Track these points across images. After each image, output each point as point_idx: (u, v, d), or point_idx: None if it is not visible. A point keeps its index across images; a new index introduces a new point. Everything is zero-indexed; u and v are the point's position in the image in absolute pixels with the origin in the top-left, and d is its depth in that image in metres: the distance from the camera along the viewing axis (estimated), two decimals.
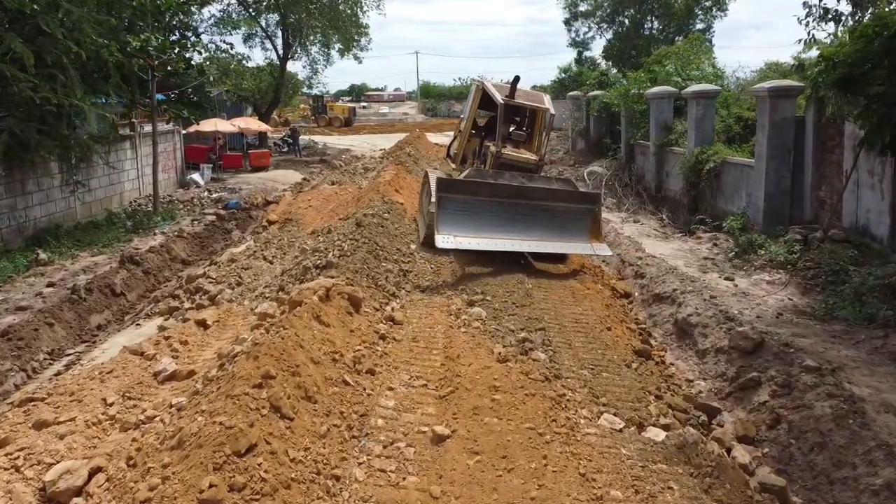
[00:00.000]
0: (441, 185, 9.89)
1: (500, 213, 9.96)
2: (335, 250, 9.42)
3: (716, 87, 16.30)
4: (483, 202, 9.94)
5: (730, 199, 14.67)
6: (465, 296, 8.74)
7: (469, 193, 9.96)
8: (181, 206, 19.23)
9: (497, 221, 9.93)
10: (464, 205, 9.86)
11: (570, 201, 10.44)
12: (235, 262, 11.96)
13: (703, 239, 13.35)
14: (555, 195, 10.35)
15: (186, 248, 14.06)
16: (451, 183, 10.28)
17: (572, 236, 10.29)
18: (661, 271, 10.62)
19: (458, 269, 10.02)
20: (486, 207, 9.93)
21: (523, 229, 10.01)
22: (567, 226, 10.29)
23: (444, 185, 9.95)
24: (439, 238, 9.53)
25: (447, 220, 9.69)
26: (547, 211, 10.21)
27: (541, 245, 10.13)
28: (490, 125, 13.01)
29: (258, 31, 34.41)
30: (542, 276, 9.93)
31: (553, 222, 10.21)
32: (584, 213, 10.46)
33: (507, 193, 10.09)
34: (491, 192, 10.03)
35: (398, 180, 16.28)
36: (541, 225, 10.12)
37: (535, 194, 10.22)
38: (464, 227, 9.73)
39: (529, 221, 10.09)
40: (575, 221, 10.35)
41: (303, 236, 13.99)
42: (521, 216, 10.06)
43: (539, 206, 10.17)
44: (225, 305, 9.41)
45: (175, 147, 22.46)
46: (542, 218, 10.16)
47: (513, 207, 10.04)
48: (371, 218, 10.54)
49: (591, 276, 10.59)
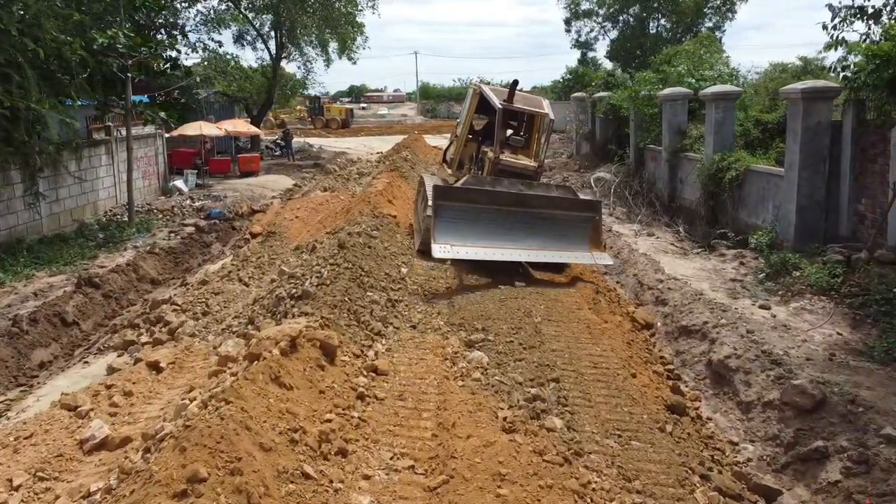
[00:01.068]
0: (437, 193, 9.54)
1: (498, 222, 9.65)
2: (313, 277, 8.14)
3: (737, 89, 15.04)
4: (481, 210, 9.61)
5: (753, 210, 13.40)
6: (462, 333, 7.47)
7: (466, 201, 9.63)
8: (160, 216, 17.95)
9: (495, 230, 9.61)
10: (461, 213, 9.51)
11: (571, 209, 10.17)
12: (207, 285, 10.71)
13: (728, 256, 12.07)
14: (554, 203, 10.09)
15: (157, 265, 12.78)
16: (448, 190, 9.92)
17: (572, 245, 10.01)
18: (687, 298, 9.34)
19: (455, 294, 8.76)
20: (483, 215, 9.60)
21: (522, 238, 9.72)
22: (567, 234, 10.01)
23: (440, 193, 9.58)
24: (436, 248, 9.17)
25: (444, 229, 9.30)
26: (546, 219, 9.92)
27: (540, 254, 9.82)
28: (487, 130, 12.49)
29: (250, 29, 33.12)
30: (551, 304, 8.65)
31: (553, 230, 9.93)
32: (585, 222, 10.18)
33: (505, 201, 9.76)
34: (489, 200, 9.70)
35: (391, 189, 15.02)
36: (540, 233, 9.83)
37: (534, 202, 9.92)
38: (461, 236, 9.39)
39: (528, 230, 9.79)
40: (575, 230, 10.08)
41: (286, 252, 12.72)
42: (520, 224, 9.76)
43: (538, 213, 9.87)
44: (185, 341, 8.14)
45: (157, 152, 21.19)
46: (542, 226, 9.86)
47: (511, 215, 9.73)
48: (356, 237, 9.26)
49: (607, 304, 9.31)
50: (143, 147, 20.27)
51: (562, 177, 22.92)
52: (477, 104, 12.14)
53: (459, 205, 9.55)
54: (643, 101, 19.38)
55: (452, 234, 9.33)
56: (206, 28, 26.73)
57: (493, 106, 11.25)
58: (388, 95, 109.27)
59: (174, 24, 26.39)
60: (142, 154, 20.14)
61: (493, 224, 9.61)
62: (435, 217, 9.34)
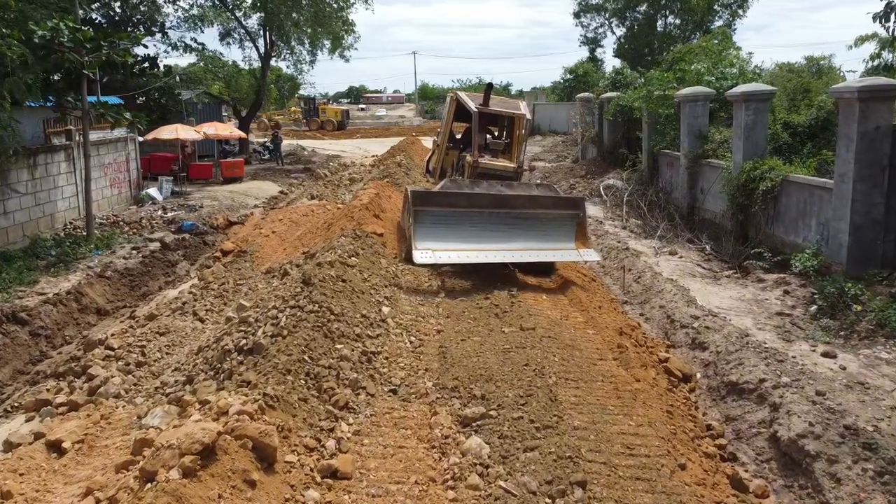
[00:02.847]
0: (417, 198, 9.55)
1: (480, 224, 9.63)
2: (268, 324, 6.44)
3: (769, 87, 13.34)
4: (462, 213, 9.59)
5: (792, 227, 11.71)
6: (456, 401, 5.78)
7: (447, 205, 9.62)
8: (126, 229, 16.25)
9: (478, 232, 9.57)
10: (442, 217, 9.50)
11: (553, 207, 10.10)
12: (154, 321, 9.00)
13: (768, 283, 10.37)
14: (536, 202, 9.99)
15: (108, 291, 11.08)
16: (428, 195, 9.96)
17: (558, 243, 9.94)
18: (731, 342, 7.64)
19: (448, 340, 7.07)
20: (465, 218, 9.59)
21: (506, 239, 9.65)
22: (551, 232, 9.97)
23: (419, 198, 9.60)
24: (417, 253, 9.02)
25: (425, 234, 9.29)
26: (529, 218, 9.86)
27: (525, 254, 9.71)
28: (467, 137, 12.48)
29: (236, 27, 31.43)
30: (567, 353, 6.96)
31: (537, 230, 9.88)
32: (569, 219, 10.12)
33: (486, 203, 9.73)
34: (469, 203, 9.67)
35: (378, 202, 13.32)
36: (524, 233, 9.78)
37: (515, 202, 9.85)
38: (443, 240, 9.31)
39: (512, 230, 9.75)
40: (559, 228, 10.03)
41: (255, 277, 11.03)
42: (502, 225, 9.73)
43: (521, 213, 9.82)
44: (106, 406, 6.44)
45: (128, 157, 19.47)
46: (525, 226, 9.81)
47: (493, 217, 9.72)
48: (327, 269, 7.54)
49: (633, 348, 7.60)
50: (111, 152, 18.57)
51: (568, 184, 21.23)
52: (455, 111, 12.15)
53: (439, 209, 9.50)
54: (657, 102, 17.69)
55: (433, 238, 9.25)
56: (187, 26, 24.98)
57: (469, 111, 11.31)
58: (387, 97, 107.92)
59: (153, 21, 24.72)
60: (110, 160, 18.45)
61: (475, 226, 9.58)
62: (415, 222, 9.28)
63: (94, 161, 17.65)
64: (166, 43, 25.30)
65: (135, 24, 25.06)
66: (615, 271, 11.90)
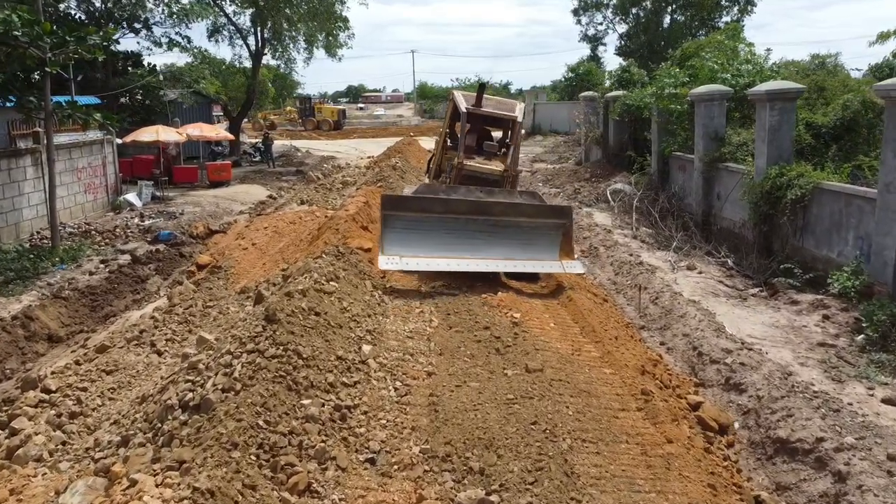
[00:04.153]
0: (386, 203, 9.19)
1: (456, 231, 9.14)
2: (219, 374, 5.28)
3: (797, 85, 12.19)
4: (436, 219, 9.13)
5: (825, 240, 10.57)
6: (449, 476, 4.64)
7: (419, 210, 9.14)
8: (99, 239, 15.09)
9: (453, 240, 9.06)
10: (413, 223, 9.03)
11: (537, 216, 9.52)
12: (107, 353, 7.85)
13: (803, 305, 9.22)
14: (518, 210, 9.46)
15: (64, 313, 9.94)
16: (399, 199, 9.62)
17: (540, 253, 9.37)
18: (773, 384, 6.50)
19: (440, 385, 5.94)
20: (439, 224, 9.11)
21: (484, 247, 9.15)
22: (534, 242, 9.39)
23: (389, 203, 9.23)
24: (382, 259, 8.66)
25: (394, 240, 8.87)
26: (510, 227, 9.35)
27: (503, 264, 9.16)
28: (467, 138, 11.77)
29: (226, 24, 30.26)
30: (583, 402, 5.82)
31: (518, 239, 9.33)
32: (554, 229, 9.53)
33: (462, 209, 9.23)
34: (444, 208, 9.19)
35: (369, 210, 12.15)
36: (504, 242, 9.24)
37: (494, 209, 9.31)
38: (413, 247, 8.84)
39: (491, 239, 9.22)
40: (543, 237, 9.43)
41: (228, 297, 9.88)
42: (480, 233, 9.21)
43: (501, 221, 9.31)
44: (22, 473, 5.29)
45: (105, 160, 18.29)
46: (505, 235, 9.29)
47: (471, 224, 9.21)
48: (298, 300, 6.37)
49: (658, 391, 6.44)
50: (86, 155, 17.40)
51: (573, 188, 20.09)
52: (453, 111, 11.72)
53: (411, 214, 9.06)
54: (669, 101, 16.53)
55: (402, 245, 8.82)
56: (172, 21, 23.78)
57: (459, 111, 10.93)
58: (386, 96, 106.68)
59: (135, 17, 23.55)
60: (84, 164, 17.28)
61: (451, 234, 9.09)
62: (384, 227, 8.92)
63: (66, 165, 16.53)
64: (150, 39, 24.12)
65: (117, 21, 23.87)
66: (628, 289, 10.75)
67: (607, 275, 11.68)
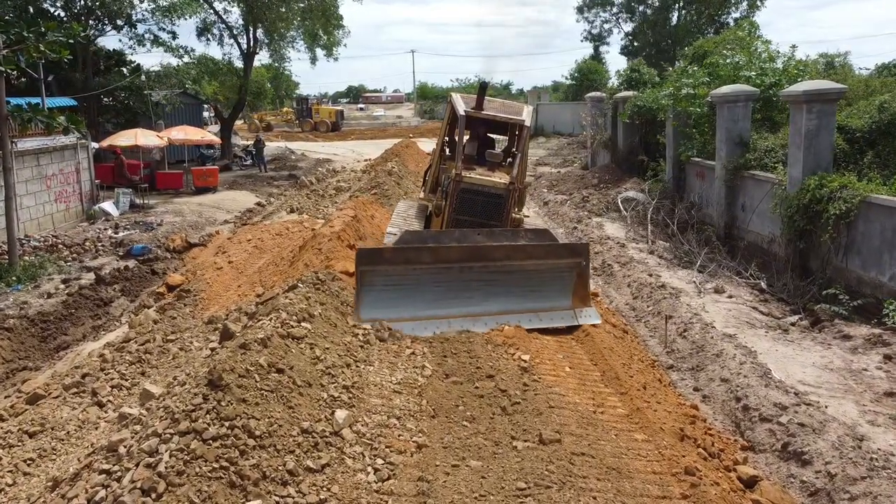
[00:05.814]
0: (363, 257, 7.52)
1: (447, 283, 7.68)
2: (141, 465, 4.01)
3: (838, 86, 10.91)
4: (423, 272, 7.62)
5: (873, 261, 9.32)
6: None
7: (402, 263, 7.60)
8: (66, 253, 13.83)
9: (444, 293, 7.62)
10: (396, 279, 7.55)
11: (546, 257, 8.07)
12: (37, 405, 6.60)
13: (857, 341, 7.94)
14: (523, 252, 7.95)
15: (6, 346, 8.67)
16: (377, 253, 7.93)
17: (550, 301, 7.97)
18: (847, 456, 5.23)
19: (430, 463, 4.68)
20: (427, 278, 7.62)
21: (482, 300, 7.72)
22: (542, 288, 7.98)
23: (366, 257, 7.56)
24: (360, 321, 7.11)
25: (372, 302, 7.36)
26: (513, 272, 7.86)
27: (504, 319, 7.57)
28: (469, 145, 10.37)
29: (216, 22, 29.01)
30: (615, 487, 4.56)
31: (523, 286, 7.90)
32: (566, 270, 8.08)
33: (456, 257, 7.72)
34: (434, 258, 7.67)
35: (358, 225, 10.90)
36: (506, 291, 7.80)
37: (495, 254, 7.81)
38: (396, 307, 7.39)
39: (490, 288, 7.77)
40: (553, 282, 8.03)
41: (193, 328, 8.63)
42: (478, 283, 7.76)
43: (503, 267, 7.81)
44: None
45: (78, 167, 17.03)
46: (508, 282, 7.83)
47: (466, 273, 7.73)
48: (256, 354, 5.08)
49: (703, 463, 5.18)
50: (56, 161, 16.15)
51: (580, 195, 18.79)
52: (451, 115, 10.31)
53: (393, 268, 7.56)
54: (687, 102, 15.27)
55: (383, 306, 7.39)
56: (155, 19, 22.53)
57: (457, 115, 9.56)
58: (386, 96, 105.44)
59: (118, 13, 22.30)
60: (54, 170, 16.03)
61: (441, 287, 7.66)
62: (359, 285, 7.39)
63: (34, 172, 15.29)
64: (132, 37, 22.85)
65: (99, 17, 22.63)
66: (650, 317, 9.48)
67: (625, 298, 10.42)
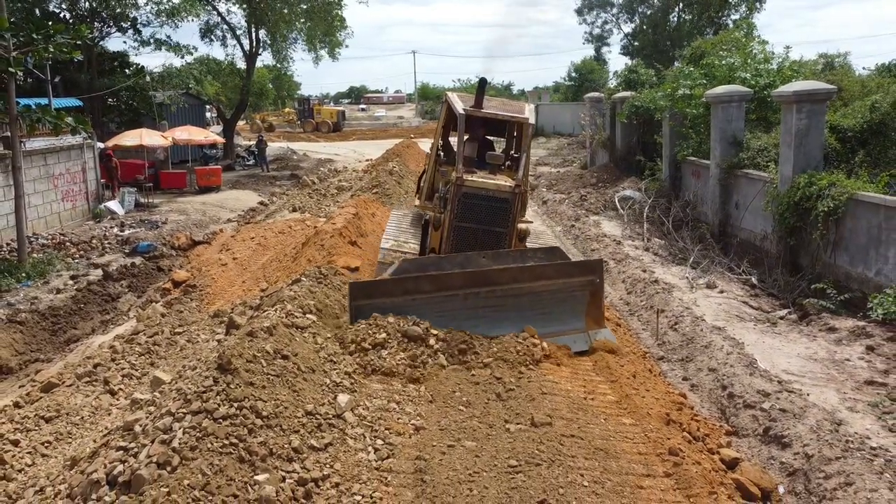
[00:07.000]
0: (357, 291, 7.01)
1: (451, 311, 7.06)
2: (156, 442, 4.30)
3: (827, 86, 11.17)
4: (424, 301, 7.02)
5: (860, 257, 9.58)
6: None
7: (401, 294, 7.01)
8: (73, 251, 14.13)
9: (447, 323, 6.95)
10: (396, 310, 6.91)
11: (557, 276, 7.46)
12: (52, 393, 6.88)
13: (842, 333, 8.21)
14: (532, 273, 7.36)
15: (18, 340, 8.97)
16: (372, 286, 7.38)
17: (561, 324, 7.38)
18: (823, 439, 5.50)
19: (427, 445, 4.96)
20: (429, 307, 6.99)
21: (489, 326, 7.10)
22: (553, 310, 7.40)
23: (361, 291, 7.04)
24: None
25: None
26: (522, 295, 7.28)
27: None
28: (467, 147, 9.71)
29: (219, 24, 29.33)
30: (601, 466, 4.83)
31: (533, 310, 7.31)
32: (579, 289, 7.51)
33: (459, 283, 7.13)
34: (434, 286, 7.10)
35: (359, 223, 11.18)
36: (515, 316, 7.22)
37: (502, 277, 7.23)
38: None
39: (497, 314, 7.21)
40: (565, 302, 7.46)
41: (199, 321, 8.91)
42: (484, 308, 7.19)
43: (511, 290, 7.24)
44: None
45: (84, 166, 17.33)
46: (516, 305, 7.27)
47: (471, 299, 7.14)
48: (262, 341, 5.38)
49: (688, 446, 5.45)
50: (63, 161, 16.46)
51: (578, 194, 19.07)
52: (448, 116, 9.81)
53: (390, 301, 6.96)
54: (683, 102, 15.54)
55: None
56: (160, 21, 22.84)
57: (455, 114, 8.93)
58: (388, 97, 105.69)
59: (122, 16, 22.62)
60: (61, 170, 16.34)
61: (444, 315, 7.04)
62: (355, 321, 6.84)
63: (41, 172, 15.59)
64: (136, 39, 23.18)
65: (103, 19, 22.95)
66: (643, 311, 9.75)
67: (619, 293, 10.69)
